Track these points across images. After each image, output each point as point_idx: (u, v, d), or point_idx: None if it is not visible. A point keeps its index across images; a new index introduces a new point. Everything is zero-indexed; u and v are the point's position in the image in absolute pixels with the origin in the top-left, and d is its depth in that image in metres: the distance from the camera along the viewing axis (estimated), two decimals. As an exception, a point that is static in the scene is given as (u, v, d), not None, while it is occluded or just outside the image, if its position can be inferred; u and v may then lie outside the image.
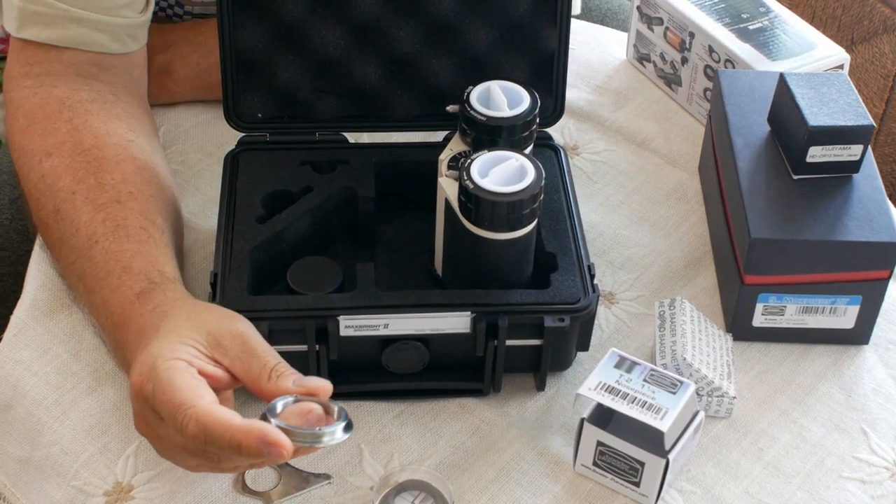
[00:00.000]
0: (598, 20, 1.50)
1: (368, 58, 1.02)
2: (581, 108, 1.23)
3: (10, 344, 0.98)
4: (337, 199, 1.00)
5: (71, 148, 0.98)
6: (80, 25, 1.02)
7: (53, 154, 0.98)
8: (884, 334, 1.02)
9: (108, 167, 0.98)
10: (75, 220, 0.95)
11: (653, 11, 1.23)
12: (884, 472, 0.92)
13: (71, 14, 1.02)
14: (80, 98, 1.02)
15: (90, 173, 0.97)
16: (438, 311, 0.90)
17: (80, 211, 0.95)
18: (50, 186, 0.97)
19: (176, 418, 0.77)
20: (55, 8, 1.01)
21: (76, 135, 0.99)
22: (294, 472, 0.90)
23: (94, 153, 0.98)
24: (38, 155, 0.99)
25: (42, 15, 1.02)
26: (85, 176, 0.97)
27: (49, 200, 0.97)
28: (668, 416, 0.84)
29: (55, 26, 1.02)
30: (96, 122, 1.01)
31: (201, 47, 1.15)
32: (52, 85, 1.03)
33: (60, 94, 1.02)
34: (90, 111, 1.01)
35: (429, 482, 0.89)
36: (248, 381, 0.81)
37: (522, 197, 0.87)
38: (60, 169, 0.97)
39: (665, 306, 0.98)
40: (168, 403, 0.77)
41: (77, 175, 0.97)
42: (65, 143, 0.99)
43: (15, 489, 0.92)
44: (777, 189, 0.99)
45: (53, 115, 1.01)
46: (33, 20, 1.02)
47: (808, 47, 1.16)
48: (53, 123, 1.00)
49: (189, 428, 0.76)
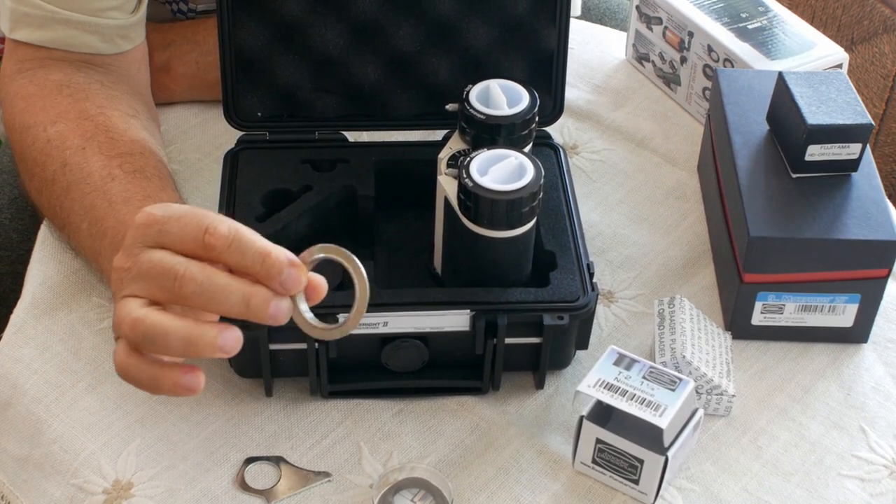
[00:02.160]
0: (596, 20, 1.51)
1: (368, 57, 1.02)
2: (580, 108, 1.23)
3: (10, 342, 0.98)
4: (336, 197, 1.00)
5: (76, 115, 0.99)
6: (69, 27, 1.03)
7: (59, 122, 0.99)
8: (882, 333, 1.02)
9: (116, 129, 0.98)
10: (86, 167, 0.95)
11: (652, 11, 1.23)
12: (882, 470, 0.93)
13: (59, 16, 1.02)
14: (78, 80, 1.03)
15: (100, 132, 0.97)
16: (438, 309, 0.90)
17: (91, 160, 0.95)
18: (57, 147, 0.97)
19: (202, 222, 0.71)
20: (44, 10, 1.02)
21: (79, 105, 1.00)
22: (293, 469, 0.90)
23: (100, 119, 0.99)
24: (42, 125, 0.99)
25: (32, 17, 1.03)
26: (95, 134, 0.97)
27: (57, 157, 0.97)
28: (666, 412, 0.85)
29: (45, 28, 1.03)
30: (98, 98, 1.01)
31: (200, 46, 1.16)
32: (47, 72, 1.03)
33: (58, 78, 1.03)
34: (90, 90, 1.02)
35: (428, 480, 0.89)
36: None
37: (521, 195, 0.88)
38: (67, 132, 0.98)
39: (664, 304, 0.98)
40: (193, 213, 0.72)
41: (86, 134, 0.97)
42: (69, 112, 0.99)
43: (14, 487, 0.92)
44: (776, 188, 0.99)
45: (53, 94, 1.02)
46: (24, 22, 1.03)
47: (806, 46, 1.16)
48: (54, 99, 1.01)
49: (220, 228, 0.71)
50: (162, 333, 0.70)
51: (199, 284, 0.71)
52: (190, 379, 0.72)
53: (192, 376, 0.72)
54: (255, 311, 0.71)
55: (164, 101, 1.18)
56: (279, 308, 0.71)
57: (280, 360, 0.92)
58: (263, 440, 0.92)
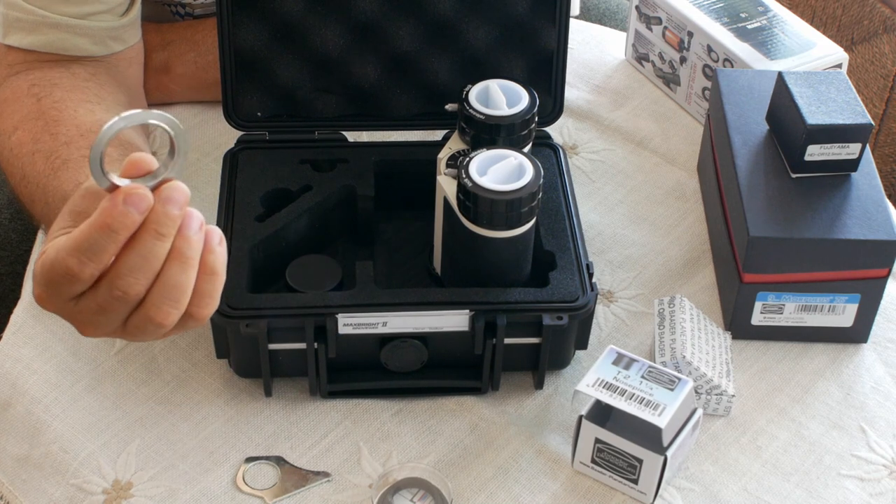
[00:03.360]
0: (596, 20, 1.51)
1: (368, 57, 1.02)
2: (580, 108, 1.23)
3: (10, 342, 0.98)
4: (336, 197, 1.01)
5: (33, 116, 1.00)
6: (60, 31, 1.03)
7: (19, 128, 1.00)
8: (882, 332, 1.02)
9: (63, 120, 0.98)
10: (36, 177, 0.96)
11: (651, 11, 1.23)
12: (882, 469, 0.93)
13: (49, 20, 1.03)
14: (51, 76, 1.04)
15: (46, 131, 0.98)
16: (437, 309, 0.90)
17: (38, 167, 0.96)
18: (17, 156, 0.99)
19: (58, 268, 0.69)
20: (34, 14, 1.03)
21: (38, 104, 1.01)
22: (293, 470, 0.90)
23: (51, 113, 0.99)
24: (6, 133, 1.01)
25: (23, 21, 1.03)
26: (41, 135, 0.98)
27: (17, 169, 0.99)
28: (665, 412, 0.85)
29: (36, 32, 1.04)
30: (59, 91, 1.02)
31: (199, 45, 1.16)
32: (27, 73, 1.04)
33: (32, 78, 1.04)
34: (56, 83, 1.03)
35: (427, 480, 0.89)
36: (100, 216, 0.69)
37: (521, 195, 0.88)
38: (24, 137, 0.99)
39: (664, 304, 0.98)
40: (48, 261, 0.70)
41: (35, 136, 0.98)
42: (28, 115, 1.00)
43: (14, 487, 0.92)
44: (775, 188, 0.99)
45: (21, 96, 1.02)
46: (16, 27, 1.04)
47: (806, 46, 1.16)
48: (20, 101, 1.02)
49: (48, 253, 0.69)
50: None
51: (45, 269, 0.69)
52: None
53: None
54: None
55: (163, 102, 1.18)
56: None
57: (279, 360, 0.92)
58: (263, 440, 0.92)
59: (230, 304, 0.89)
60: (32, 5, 1.02)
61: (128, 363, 0.97)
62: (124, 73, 1.10)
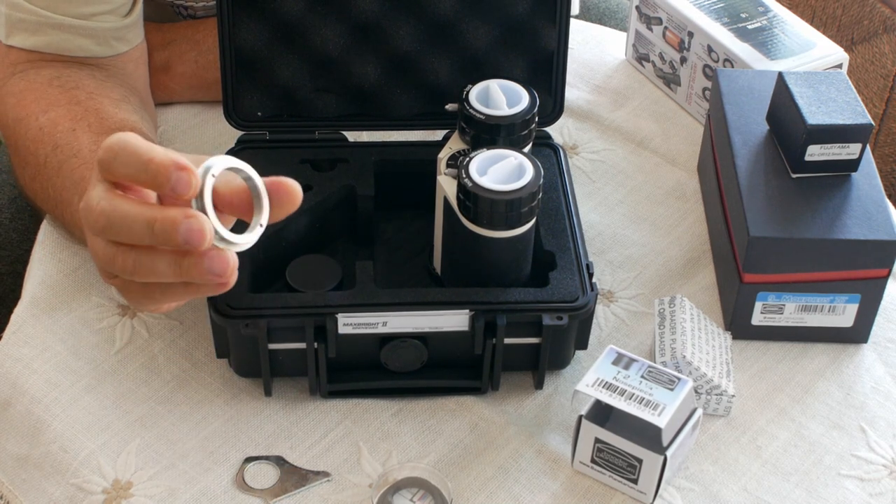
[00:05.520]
0: (596, 20, 1.51)
1: (368, 56, 1.02)
2: (580, 108, 1.23)
3: (10, 342, 0.98)
4: (336, 197, 1.01)
5: (67, 101, 0.99)
6: (63, 31, 1.03)
7: (49, 110, 0.99)
8: (882, 332, 1.02)
9: (106, 111, 0.98)
10: (76, 145, 0.95)
11: (651, 11, 1.23)
12: (882, 469, 0.93)
13: (53, 20, 1.03)
14: (70, 73, 1.04)
15: (90, 114, 0.98)
16: (437, 309, 0.90)
17: (82, 139, 0.95)
18: (49, 133, 0.98)
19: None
20: (38, 15, 1.03)
21: (70, 93, 1.00)
22: (292, 469, 0.90)
23: (90, 103, 0.99)
24: (34, 115, 1.00)
25: (27, 22, 1.03)
26: (85, 115, 0.97)
27: (48, 142, 0.97)
28: (665, 412, 0.85)
29: (39, 33, 1.04)
30: (88, 87, 1.02)
31: (199, 45, 1.16)
32: (38, 71, 1.04)
33: (49, 73, 1.04)
34: (81, 80, 1.03)
35: (427, 480, 0.89)
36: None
37: (521, 195, 0.88)
38: (58, 118, 0.98)
39: (665, 304, 0.98)
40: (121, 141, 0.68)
41: (76, 118, 0.97)
42: (60, 100, 1.00)
43: (13, 487, 0.92)
44: (776, 188, 0.99)
45: (44, 86, 1.02)
46: (19, 27, 1.04)
47: (806, 47, 1.16)
48: (45, 91, 1.02)
49: (107, 142, 0.67)
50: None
51: (105, 216, 0.67)
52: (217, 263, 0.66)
53: (219, 260, 0.66)
54: (162, 236, 0.65)
55: (163, 101, 1.18)
56: (190, 230, 0.64)
57: (279, 360, 0.92)
58: (263, 440, 0.92)
59: (230, 303, 0.89)
60: (35, 6, 1.02)
61: (128, 363, 0.97)
62: (132, 76, 1.10)
